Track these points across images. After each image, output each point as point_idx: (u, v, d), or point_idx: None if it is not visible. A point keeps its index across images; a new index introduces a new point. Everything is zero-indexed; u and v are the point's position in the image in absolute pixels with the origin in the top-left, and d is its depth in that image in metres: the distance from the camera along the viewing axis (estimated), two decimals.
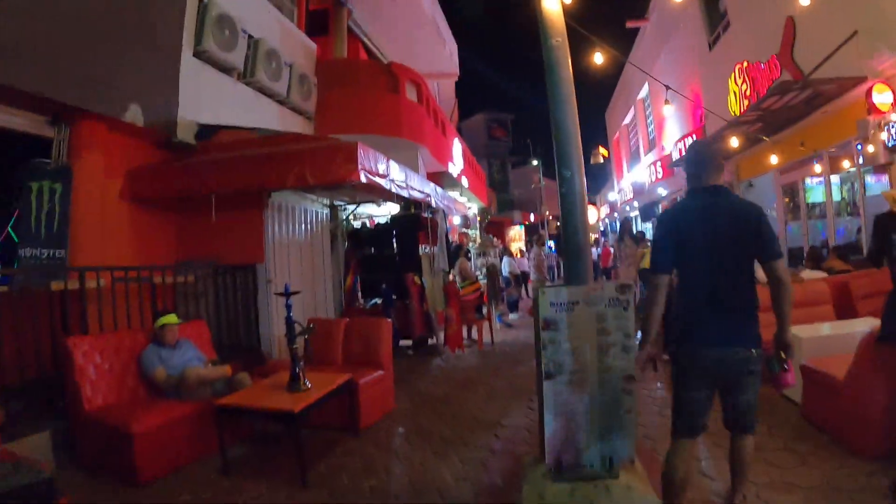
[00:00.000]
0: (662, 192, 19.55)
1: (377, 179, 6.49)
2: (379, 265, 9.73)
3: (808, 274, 7.26)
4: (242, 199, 7.12)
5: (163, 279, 6.45)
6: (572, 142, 3.65)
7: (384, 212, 10.19)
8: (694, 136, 14.72)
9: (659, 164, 18.18)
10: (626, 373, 3.35)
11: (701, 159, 3.17)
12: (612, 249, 14.83)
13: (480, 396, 6.51)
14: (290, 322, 4.76)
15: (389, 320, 6.34)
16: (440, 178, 16.17)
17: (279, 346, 7.41)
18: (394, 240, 9.85)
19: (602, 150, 32.45)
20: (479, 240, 17.20)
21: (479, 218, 24.25)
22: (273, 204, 7.73)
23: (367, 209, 10.24)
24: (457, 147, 17.55)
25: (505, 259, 14.17)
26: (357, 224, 10.16)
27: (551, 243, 30.78)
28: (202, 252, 7.38)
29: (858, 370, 4.09)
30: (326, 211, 9.53)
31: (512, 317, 12.79)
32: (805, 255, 8.92)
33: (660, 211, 20.68)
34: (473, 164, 22.35)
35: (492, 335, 9.75)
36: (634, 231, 11.76)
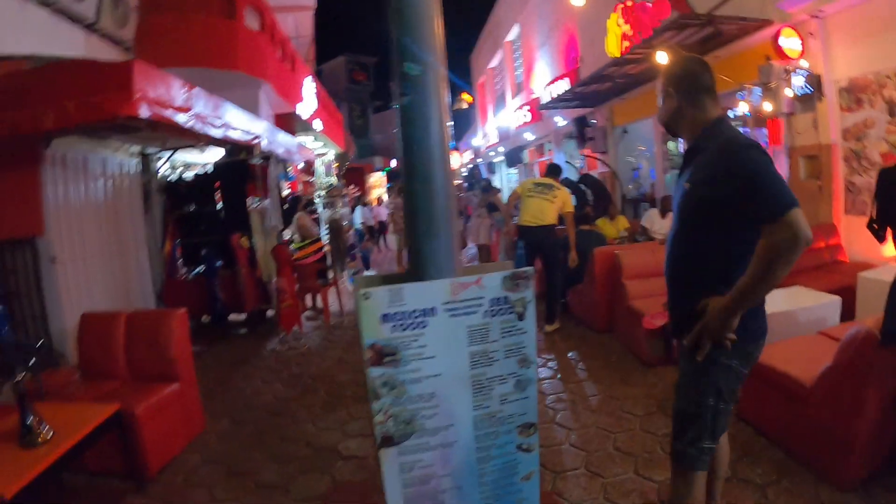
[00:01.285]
0: (530, 136, 18.44)
1: (171, 114, 4.57)
2: (201, 225, 7.69)
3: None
4: (8, 150, 5.07)
5: None
6: (426, 14, 2.01)
7: (209, 159, 8.05)
8: (567, 80, 13.52)
9: (527, 108, 16.95)
10: (522, 421, 2.19)
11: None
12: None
13: (320, 401, 4.90)
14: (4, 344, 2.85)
15: (183, 311, 4.43)
16: (289, 120, 14.08)
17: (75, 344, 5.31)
18: (216, 193, 7.79)
19: (466, 96, 31.36)
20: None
21: (336, 164, 22.30)
22: (54, 156, 5.77)
23: (187, 156, 8.07)
24: (309, 86, 15.39)
25: (358, 209, 12.10)
26: (174, 177, 7.96)
27: None
28: None
29: (839, 378, 2.87)
30: (135, 161, 7.39)
31: (367, 274, 11.11)
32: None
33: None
34: (329, 106, 20.21)
35: (340, 303, 8.02)
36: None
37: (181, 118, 4.80)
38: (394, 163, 36.03)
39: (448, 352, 1.99)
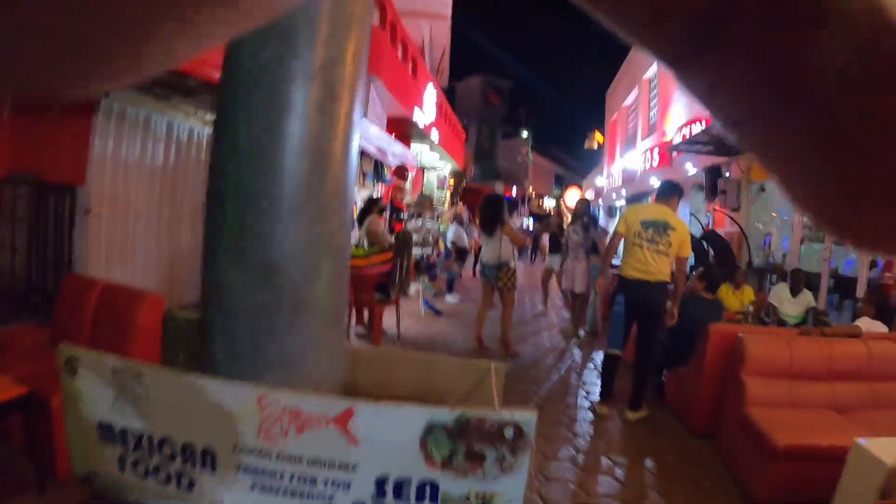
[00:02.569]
0: (655, 182, 16.67)
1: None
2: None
3: (868, 324, 4.47)
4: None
5: None
6: None
7: None
8: (703, 122, 11.83)
9: (657, 150, 15.27)
10: None
11: None
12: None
13: None
14: None
15: (159, 296, 3.44)
16: (404, 124, 13.29)
17: None
18: None
19: (598, 136, 29.78)
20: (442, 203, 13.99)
21: (451, 180, 21.45)
22: (111, 108, 5.34)
23: None
24: (430, 94, 14.58)
25: (453, 226, 10.81)
26: None
27: (529, 221, 27.96)
28: (30, 164, 5.18)
29: None
30: (208, 130, 6.67)
31: (449, 300, 9.90)
32: (862, 291, 6.31)
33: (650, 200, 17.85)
34: (452, 119, 19.46)
35: (398, 327, 6.84)
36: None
37: None
38: (515, 191, 34.99)
39: None
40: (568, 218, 9.73)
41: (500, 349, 6.21)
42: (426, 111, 14.21)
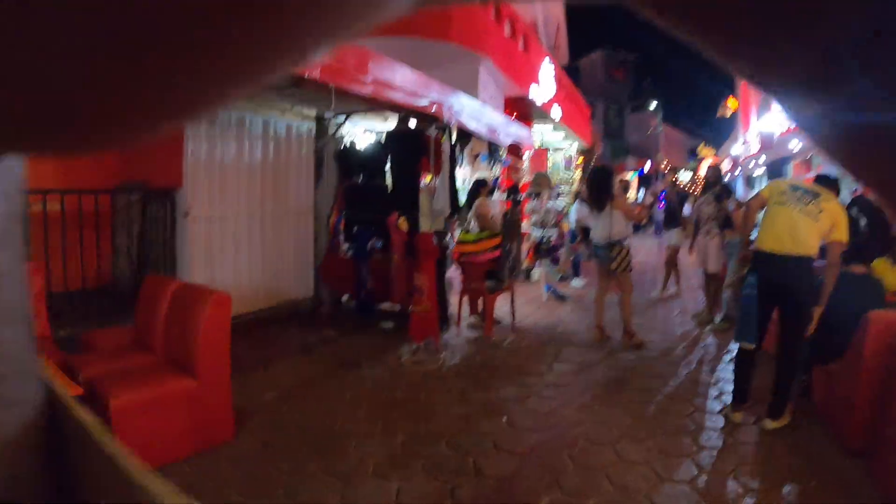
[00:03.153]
0: (797, 145, 14.87)
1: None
2: (368, 199, 6.62)
3: None
4: None
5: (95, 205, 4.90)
6: None
7: (388, 126, 6.95)
8: None
9: None
10: None
11: None
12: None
13: (386, 451, 3.38)
14: None
15: (225, 294, 3.27)
16: (522, 104, 12.76)
17: None
18: (387, 165, 6.65)
19: (732, 102, 27.44)
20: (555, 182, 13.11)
21: (579, 159, 20.48)
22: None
23: (366, 122, 7.09)
24: (547, 70, 13.92)
25: (576, 205, 9.89)
26: (346, 144, 7.04)
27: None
28: (138, 172, 5.48)
29: None
30: (307, 125, 6.72)
31: (575, 283, 9.26)
32: None
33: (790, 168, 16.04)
34: (574, 95, 18.56)
35: (513, 316, 6.41)
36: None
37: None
38: (649, 165, 33.19)
39: None
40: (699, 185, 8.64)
41: (623, 338, 5.59)
42: (544, 88, 13.57)
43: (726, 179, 30.44)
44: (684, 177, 35.77)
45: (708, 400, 4.19)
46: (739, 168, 23.84)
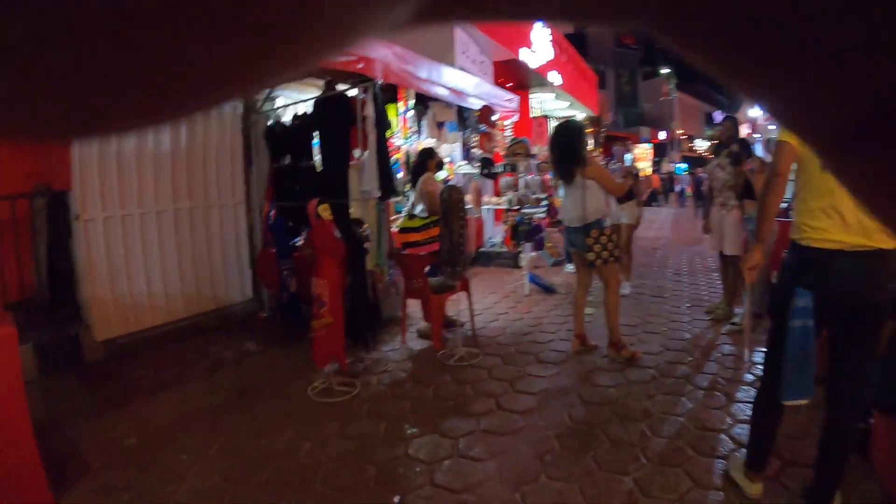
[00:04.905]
0: None
1: None
2: (297, 184, 5.33)
3: None
4: None
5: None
6: None
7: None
8: None
9: None
10: None
11: None
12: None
13: None
14: None
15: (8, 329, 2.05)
16: (515, 69, 11.30)
17: (112, 319, 4.66)
18: (314, 141, 5.30)
19: None
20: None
21: (589, 130, 18.95)
22: None
23: (297, 93, 5.79)
24: (542, 31, 12.35)
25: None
26: (271, 120, 5.74)
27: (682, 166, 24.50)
28: (44, 174, 4.62)
29: None
30: (233, 103, 5.34)
31: (570, 268, 7.89)
32: None
33: None
34: (576, 60, 16.91)
35: (472, 318, 4.97)
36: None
37: None
38: (663, 135, 31.38)
39: None
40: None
41: (610, 350, 4.24)
42: (538, 51, 12.04)
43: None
44: (700, 145, 33.95)
45: (714, 463, 2.69)
46: (758, 133, 22.00)
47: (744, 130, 25.71)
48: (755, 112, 21.53)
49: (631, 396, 3.50)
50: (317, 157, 5.17)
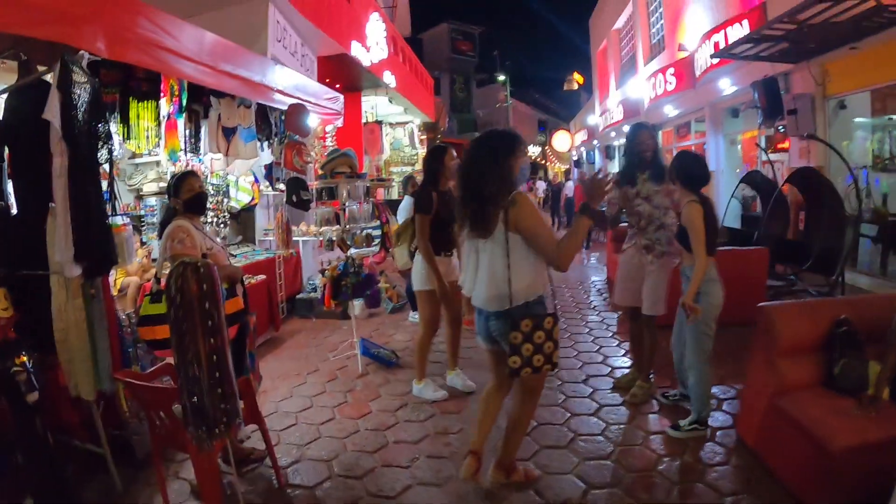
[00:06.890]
0: (672, 111, 12.78)
1: None
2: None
3: None
4: None
5: None
6: None
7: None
8: (745, 23, 8.10)
9: (671, 71, 11.41)
10: None
11: None
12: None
13: None
14: None
15: None
16: (344, 65, 9.40)
17: None
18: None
19: (577, 76, 26.22)
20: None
21: (423, 136, 17.72)
22: None
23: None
24: (377, 26, 10.62)
25: (407, 201, 6.02)
26: None
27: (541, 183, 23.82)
28: None
29: None
30: None
31: (413, 318, 5.96)
32: None
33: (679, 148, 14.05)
34: (414, 63, 15.45)
35: (273, 457, 2.88)
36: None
37: None
38: None
39: None
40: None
41: (495, 473, 2.61)
42: (372, 47, 10.30)
43: (579, 153, 28.88)
44: (533, 150, 34.35)
45: None
46: (595, 140, 21.90)
47: (579, 138, 25.79)
48: (594, 120, 21.35)
49: None
50: (9, 190, 2.97)
